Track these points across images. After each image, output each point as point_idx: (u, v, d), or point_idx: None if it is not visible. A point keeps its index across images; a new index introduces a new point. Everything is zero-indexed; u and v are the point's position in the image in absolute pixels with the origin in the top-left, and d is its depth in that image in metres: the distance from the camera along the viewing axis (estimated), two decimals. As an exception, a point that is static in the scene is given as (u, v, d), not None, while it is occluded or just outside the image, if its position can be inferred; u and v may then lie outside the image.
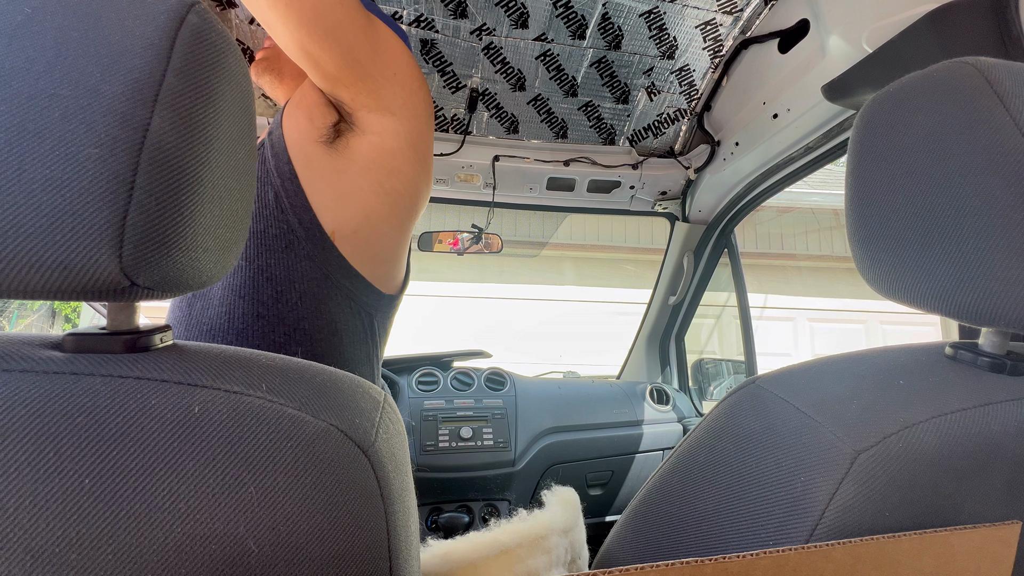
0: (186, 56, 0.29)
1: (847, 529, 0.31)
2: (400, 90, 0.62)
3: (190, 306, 0.64)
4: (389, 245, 0.67)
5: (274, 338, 0.61)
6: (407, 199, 0.67)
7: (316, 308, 0.62)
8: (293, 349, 0.61)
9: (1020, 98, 0.35)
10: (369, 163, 0.62)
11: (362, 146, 0.62)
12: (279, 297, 0.61)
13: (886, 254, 0.40)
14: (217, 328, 0.60)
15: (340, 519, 0.28)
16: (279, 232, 0.60)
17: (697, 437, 0.43)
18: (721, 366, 1.87)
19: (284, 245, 0.60)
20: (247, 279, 0.60)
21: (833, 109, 0.98)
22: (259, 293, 0.60)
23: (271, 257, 0.60)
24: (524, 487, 1.38)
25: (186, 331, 0.63)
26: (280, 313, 0.61)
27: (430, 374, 1.47)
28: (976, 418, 0.34)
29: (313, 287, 0.62)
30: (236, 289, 0.60)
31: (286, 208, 0.60)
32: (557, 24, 1.10)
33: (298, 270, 0.61)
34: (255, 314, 0.60)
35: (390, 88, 0.61)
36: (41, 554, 0.23)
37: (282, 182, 0.61)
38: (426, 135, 0.67)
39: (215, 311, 0.61)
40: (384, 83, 0.61)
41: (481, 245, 1.50)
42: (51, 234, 0.26)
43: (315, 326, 0.62)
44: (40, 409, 0.25)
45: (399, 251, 0.70)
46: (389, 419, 0.35)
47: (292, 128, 0.63)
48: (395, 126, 0.63)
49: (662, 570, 0.28)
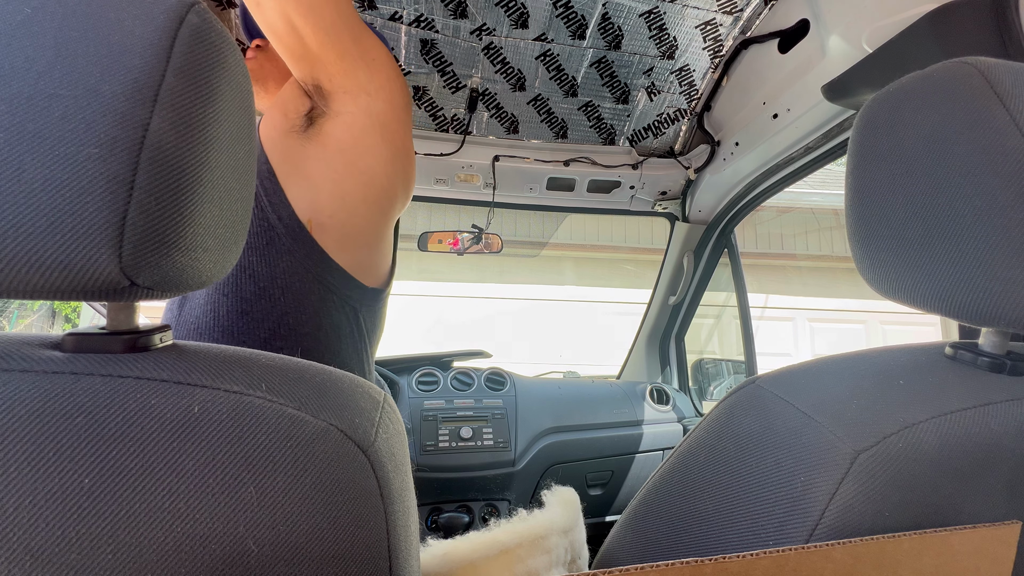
0: (186, 56, 0.29)
1: (847, 529, 0.31)
2: (376, 75, 0.64)
3: (180, 307, 0.65)
4: (367, 230, 0.68)
5: (259, 334, 0.62)
6: (381, 179, 0.67)
7: (299, 303, 0.63)
8: (278, 345, 0.62)
9: (1020, 98, 0.35)
10: (341, 144, 0.63)
11: (335, 129, 0.63)
12: (262, 294, 0.61)
13: (886, 254, 0.40)
14: (204, 326, 0.61)
15: (340, 519, 0.28)
16: (259, 230, 0.61)
17: (697, 437, 0.43)
18: (721, 366, 1.87)
19: (265, 242, 0.61)
20: (230, 277, 0.61)
21: (833, 109, 0.98)
22: (242, 290, 0.61)
23: (252, 255, 0.61)
24: (524, 487, 1.38)
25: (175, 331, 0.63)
26: (264, 309, 0.62)
27: (430, 374, 1.47)
28: (976, 418, 0.34)
29: (295, 282, 0.62)
30: (220, 287, 0.62)
31: (265, 205, 0.62)
32: (557, 24, 1.10)
33: (279, 266, 0.62)
34: (239, 311, 0.61)
35: (367, 71, 0.63)
36: (41, 554, 0.23)
37: (260, 181, 0.62)
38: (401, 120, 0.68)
39: (201, 310, 0.62)
40: (363, 65, 0.62)
41: (481, 245, 1.50)
42: (51, 234, 0.26)
43: (299, 321, 0.63)
44: (40, 409, 0.25)
45: (379, 238, 0.70)
46: (389, 419, 0.35)
47: (268, 127, 0.65)
48: (369, 105, 0.64)
49: (662, 570, 0.28)
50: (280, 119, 0.64)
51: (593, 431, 1.47)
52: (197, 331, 0.62)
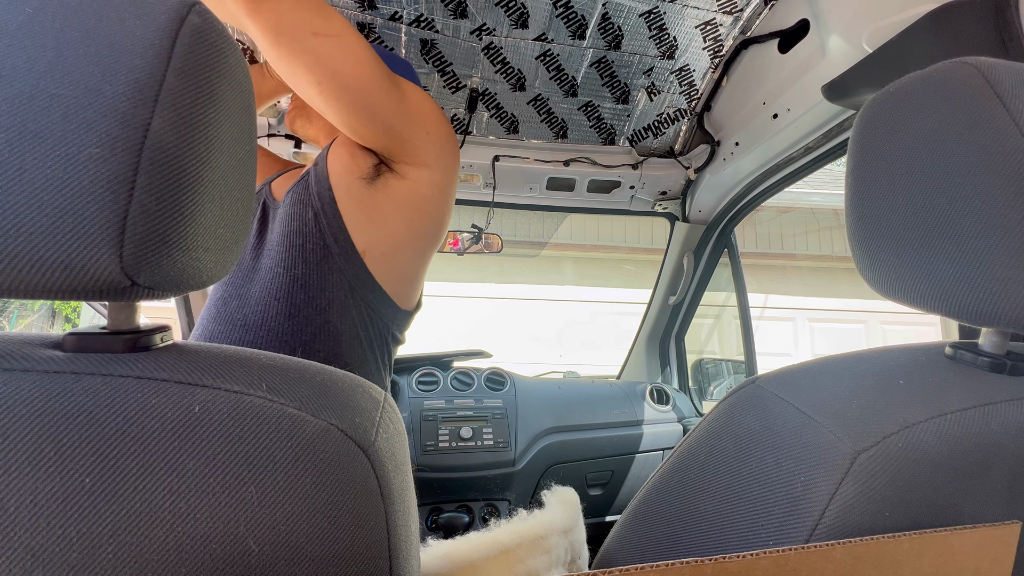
0: (187, 56, 0.29)
1: (847, 529, 0.31)
2: (432, 147, 0.71)
3: (225, 304, 0.72)
4: (410, 268, 0.77)
5: (302, 337, 0.69)
6: (432, 234, 0.77)
7: (341, 314, 0.71)
8: (317, 347, 0.70)
9: (1020, 98, 0.35)
10: (402, 201, 0.72)
11: (400, 188, 0.71)
12: (310, 302, 0.69)
13: (886, 254, 0.40)
14: (251, 324, 0.69)
15: (340, 518, 0.28)
16: (315, 247, 0.69)
17: (697, 437, 0.42)
18: (721, 366, 1.87)
19: (319, 258, 0.69)
20: (284, 284, 0.69)
21: (833, 109, 0.98)
22: (294, 297, 0.69)
23: (307, 267, 0.69)
24: (524, 487, 1.38)
25: (217, 325, 0.71)
26: (309, 315, 0.69)
27: (430, 374, 1.47)
28: (976, 418, 0.34)
29: (341, 296, 0.70)
30: (273, 292, 0.69)
31: (323, 228, 0.69)
32: (557, 24, 1.10)
33: (330, 280, 0.70)
34: (288, 314, 0.69)
35: (424, 147, 0.70)
36: (41, 553, 0.23)
37: (322, 205, 0.70)
38: (454, 181, 0.77)
39: (251, 309, 0.70)
40: (419, 143, 0.70)
41: (481, 245, 1.50)
42: (52, 234, 0.26)
43: (339, 329, 0.71)
44: (41, 408, 0.25)
45: (418, 273, 0.80)
46: (389, 418, 0.35)
47: (336, 162, 0.72)
48: (429, 176, 0.72)
49: (662, 570, 0.28)
50: (348, 160, 0.71)
51: (593, 431, 1.47)
52: (244, 327, 0.69)
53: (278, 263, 0.69)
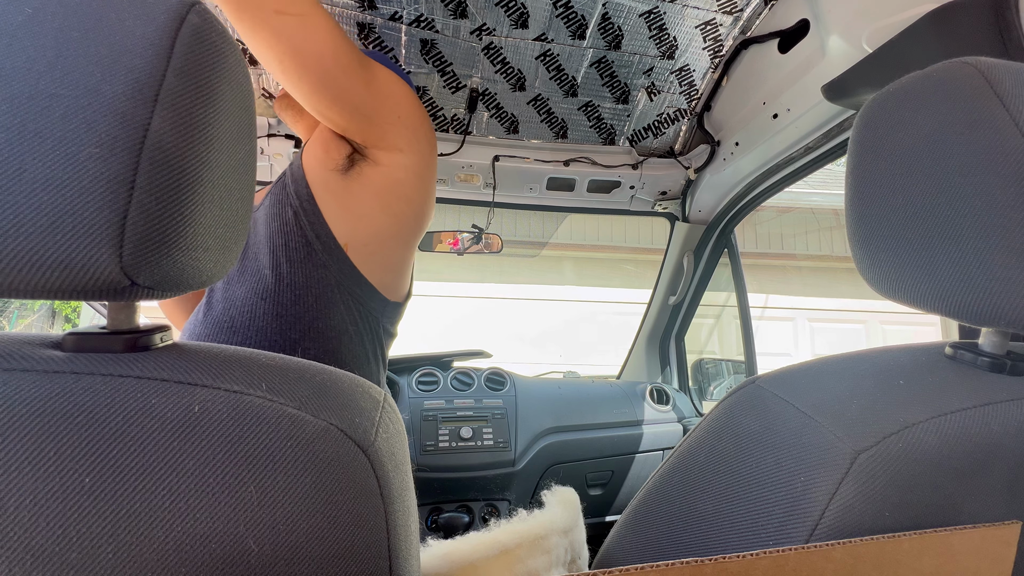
0: (186, 56, 0.29)
1: (847, 529, 0.31)
2: (404, 131, 0.70)
3: (211, 307, 0.71)
4: (395, 258, 0.76)
5: (291, 335, 0.69)
6: (412, 220, 0.75)
7: (329, 310, 0.70)
8: (307, 345, 0.69)
9: (1020, 98, 0.35)
10: (379, 189, 0.71)
11: (374, 175, 0.71)
12: (297, 300, 0.69)
13: (886, 254, 0.40)
14: (239, 326, 0.68)
15: (340, 518, 0.28)
16: (298, 245, 0.69)
17: (697, 437, 0.42)
18: (721, 366, 1.87)
19: (303, 256, 0.69)
20: (269, 284, 0.69)
21: (833, 109, 0.98)
22: (280, 296, 0.68)
23: (291, 266, 0.69)
24: (524, 487, 1.38)
25: (204, 328, 0.70)
26: (297, 313, 0.69)
27: (430, 374, 1.47)
28: (976, 418, 0.34)
29: (327, 292, 0.70)
30: (259, 293, 0.69)
31: (304, 224, 0.69)
32: (557, 24, 1.10)
33: (315, 277, 0.69)
34: (275, 314, 0.68)
35: (395, 130, 0.69)
36: (41, 553, 0.23)
37: (300, 202, 0.69)
38: (431, 166, 0.76)
39: (237, 311, 0.69)
40: (389, 127, 0.69)
41: (481, 245, 1.50)
42: (52, 234, 0.26)
43: (327, 326, 0.70)
44: (40, 408, 0.25)
45: (404, 264, 0.78)
46: (389, 418, 0.35)
47: (310, 157, 0.71)
48: (403, 160, 0.71)
49: (662, 570, 0.28)
50: (322, 153, 0.71)
51: (593, 431, 1.47)
52: (231, 329, 0.68)
53: (262, 264, 0.69)
